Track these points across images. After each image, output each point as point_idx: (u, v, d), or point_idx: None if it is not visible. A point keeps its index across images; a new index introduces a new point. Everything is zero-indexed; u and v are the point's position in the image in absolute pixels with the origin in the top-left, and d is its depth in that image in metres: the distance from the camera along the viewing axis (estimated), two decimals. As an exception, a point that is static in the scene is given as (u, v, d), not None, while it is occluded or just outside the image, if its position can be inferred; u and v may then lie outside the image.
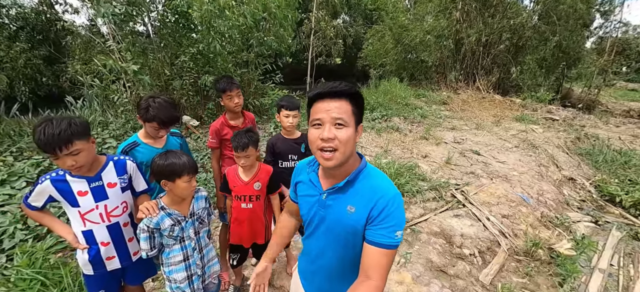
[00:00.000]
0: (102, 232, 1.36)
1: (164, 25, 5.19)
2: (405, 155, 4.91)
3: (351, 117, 0.86)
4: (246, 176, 1.76)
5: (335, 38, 9.81)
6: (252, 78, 6.39)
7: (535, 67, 11.92)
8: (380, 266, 0.84)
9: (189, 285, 1.53)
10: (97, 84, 5.05)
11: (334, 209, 0.94)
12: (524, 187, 4.04)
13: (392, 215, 0.85)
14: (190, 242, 1.50)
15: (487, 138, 6.08)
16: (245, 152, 1.65)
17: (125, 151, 1.62)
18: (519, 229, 3.20)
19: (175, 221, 1.43)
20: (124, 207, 1.42)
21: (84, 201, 1.29)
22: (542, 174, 4.62)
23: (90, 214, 1.31)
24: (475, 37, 11.18)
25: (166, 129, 1.62)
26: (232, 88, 1.98)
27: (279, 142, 2.01)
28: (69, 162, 1.17)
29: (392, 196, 0.87)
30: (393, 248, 0.85)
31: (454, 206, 3.42)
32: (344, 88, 0.86)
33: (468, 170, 4.42)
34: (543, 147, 5.64)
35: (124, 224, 1.43)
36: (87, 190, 1.29)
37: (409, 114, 7.43)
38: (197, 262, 1.54)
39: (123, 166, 1.42)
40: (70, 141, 1.14)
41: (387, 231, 0.84)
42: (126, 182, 1.42)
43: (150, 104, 1.55)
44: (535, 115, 8.30)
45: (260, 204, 1.80)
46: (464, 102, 9.62)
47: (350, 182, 0.91)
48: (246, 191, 1.75)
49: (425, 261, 2.54)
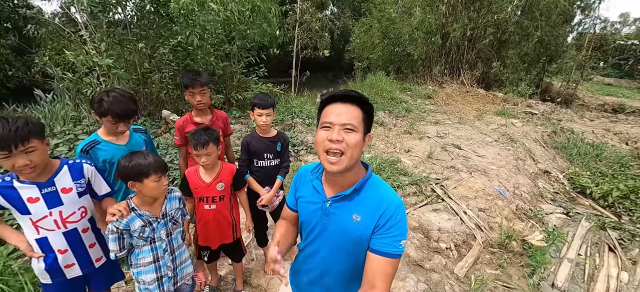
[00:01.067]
0: (59, 239, 1.28)
1: (142, 15, 4.95)
2: (389, 149, 4.96)
3: (361, 123, 0.87)
4: (208, 176, 1.69)
5: (321, 31, 9.69)
6: (235, 71, 6.24)
7: (518, 62, 12.20)
8: (385, 275, 0.84)
9: (158, 286, 1.48)
10: (69, 77, 4.79)
11: (338, 217, 0.92)
12: (501, 180, 4.17)
13: (397, 224, 0.86)
14: (161, 243, 1.46)
15: (469, 132, 6.22)
16: (206, 149, 1.58)
17: (85, 150, 1.54)
18: (494, 222, 3.31)
19: (146, 222, 1.38)
20: (83, 213, 1.35)
21: (35, 207, 1.21)
22: (519, 167, 4.77)
23: (44, 221, 1.24)
24: (461, 32, 11.31)
25: (123, 122, 1.54)
26: (195, 85, 1.86)
27: (253, 141, 1.96)
28: (22, 161, 1.10)
29: (397, 205, 0.88)
30: (397, 257, 0.85)
31: (433, 201, 3.49)
32: (357, 95, 0.88)
33: (449, 164, 4.51)
34: (521, 141, 5.82)
35: (83, 230, 1.36)
36: (39, 196, 1.21)
37: (394, 108, 7.48)
38: (167, 264, 1.49)
39: (79, 170, 1.34)
40: (27, 138, 1.09)
41: (392, 240, 0.85)
42: (83, 187, 1.35)
43: (103, 98, 1.48)
44: (516, 110, 8.54)
45: (224, 204, 1.75)
46: (449, 96, 9.78)
47: (357, 191, 0.91)
48: (209, 193, 1.69)
49: (403, 256, 2.58)
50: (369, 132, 0.91)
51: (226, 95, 6.18)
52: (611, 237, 3.32)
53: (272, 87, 7.19)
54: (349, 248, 0.92)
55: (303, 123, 5.76)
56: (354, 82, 10.63)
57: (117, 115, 1.49)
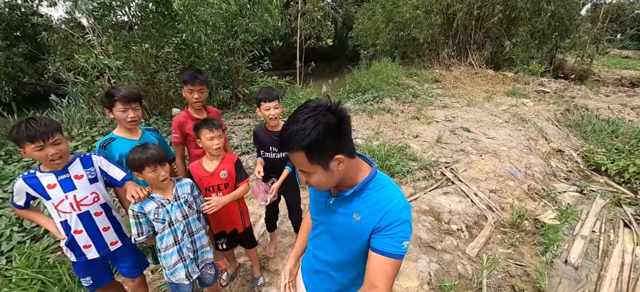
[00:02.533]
0: (75, 220, 1.48)
1: (145, 15, 5.01)
2: (397, 136, 4.95)
3: (310, 165, 0.83)
4: (211, 165, 1.77)
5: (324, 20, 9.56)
6: (240, 66, 6.28)
7: (529, 39, 11.79)
8: (386, 275, 0.84)
9: (183, 267, 1.59)
10: (81, 80, 4.93)
11: (340, 215, 0.95)
12: (512, 161, 4.13)
13: (400, 226, 0.85)
14: (179, 225, 1.56)
15: (478, 115, 6.12)
16: (219, 131, 1.70)
17: (103, 145, 1.69)
18: (506, 203, 3.30)
19: (159, 203, 1.51)
20: (95, 198, 1.52)
21: (53, 192, 1.42)
22: (531, 147, 4.70)
23: (62, 204, 1.44)
24: (466, 11, 10.97)
25: (132, 106, 1.68)
26: (195, 82, 1.92)
27: (261, 133, 2.04)
28: (52, 150, 1.34)
29: (401, 208, 0.87)
30: (399, 258, 0.85)
31: (443, 184, 3.50)
32: (289, 144, 0.81)
33: (458, 147, 4.49)
34: (533, 120, 5.70)
35: (96, 214, 1.53)
36: (56, 182, 1.42)
37: (400, 94, 7.41)
38: (187, 246, 1.59)
39: (88, 160, 1.54)
40: (54, 132, 1.35)
41: (394, 241, 0.84)
42: (93, 174, 1.53)
43: (109, 91, 1.66)
44: (527, 89, 8.32)
45: (230, 191, 1.81)
46: (456, 79, 9.59)
47: (357, 193, 0.92)
48: (213, 181, 1.76)
49: (414, 238, 2.63)
50: (336, 154, 0.83)
51: (233, 91, 6.25)
52: (627, 213, 3.28)
53: (277, 80, 7.21)
54: (349, 245, 0.95)
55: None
56: (359, 70, 10.51)
57: (125, 98, 1.64)
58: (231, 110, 6.14)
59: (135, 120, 1.71)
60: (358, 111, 6.21)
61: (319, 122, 0.78)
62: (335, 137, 0.81)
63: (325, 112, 0.80)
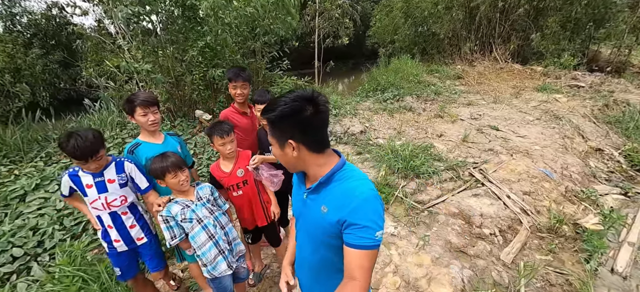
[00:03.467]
0: (106, 217, 1.66)
1: (172, 21, 5.17)
2: (420, 135, 4.81)
3: (271, 137, 0.93)
4: (227, 167, 1.84)
5: (342, 17, 9.47)
6: (260, 67, 6.34)
7: (559, 30, 11.07)
8: (362, 268, 0.83)
9: (224, 259, 1.64)
10: (111, 85, 5.17)
11: (311, 209, 0.97)
12: (546, 161, 3.89)
13: (368, 216, 0.83)
14: (209, 220, 1.61)
15: (506, 112, 5.83)
16: (230, 136, 1.75)
17: (130, 150, 1.80)
18: (541, 206, 3.11)
19: (182, 204, 1.58)
20: (123, 200, 1.67)
21: (90, 192, 1.59)
22: (567, 146, 4.41)
23: (96, 202, 1.61)
24: (490, 3, 10.47)
25: (151, 109, 1.75)
26: (238, 79, 2.06)
27: (262, 134, 2.14)
28: (94, 166, 1.53)
29: (366, 198, 0.85)
30: (373, 249, 0.84)
31: (472, 185, 3.35)
32: (264, 110, 0.91)
33: (486, 147, 4.29)
34: (567, 117, 5.35)
35: (123, 213, 1.70)
36: (92, 183, 1.58)
37: (422, 91, 7.20)
38: (222, 238, 1.65)
39: (121, 166, 1.67)
40: (98, 150, 1.50)
41: (364, 232, 0.83)
42: (124, 180, 1.67)
43: (129, 98, 1.76)
44: (559, 84, 7.83)
45: (250, 188, 1.88)
46: (480, 74, 9.20)
47: (323, 184, 0.93)
48: (232, 181, 1.83)
49: (444, 242, 2.53)
50: (288, 139, 0.88)
51: (253, 92, 6.33)
52: (681, 218, 2.99)
53: (296, 80, 7.23)
54: (321, 239, 0.95)
55: (330, 113, 5.75)
56: (378, 67, 10.33)
57: (144, 102, 1.73)
58: (251, 111, 6.21)
59: (156, 123, 1.80)
60: (378, 110, 6.10)
61: (287, 104, 0.84)
62: (297, 124, 0.86)
63: (300, 100, 0.85)
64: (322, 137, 0.92)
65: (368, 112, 5.99)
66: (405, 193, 3.19)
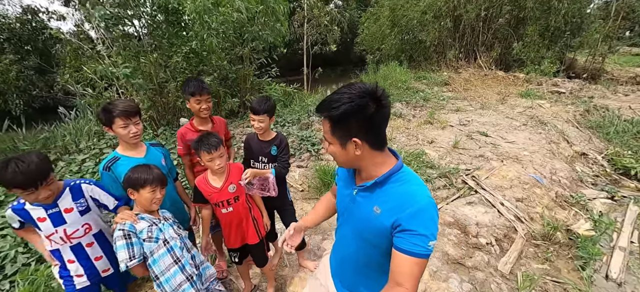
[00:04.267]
0: (67, 251, 1.43)
1: (156, 25, 4.98)
2: (411, 142, 4.78)
3: (331, 137, 0.89)
4: (218, 181, 1.68)
5: (330, 24, 9.50)
6: (248, 74, 6.21)
7: (538, 39, 11.55)
8: (411, 275, 0.81)
9: (191, 286, 1.46)
10: (89, 92, 4.89)
11: (362, 207, 0.95)
12: (536, 166, 3.92)
13: (424, 224, 0.81)
14: (175, 242, 1.46)
15: (494, 118, 5.92)
16: (219, 151, 1.57)
17: (106, 167, 1.58)
18: (534, 212, 3.10)
19: (150, 221, 1.42)
20: (87, 229, 1.45)
21: (44, 225, 1.35)
22: (554, 151, 4.48)
23: (53, 236, 1.37)
24: (475, 13, 10.81)
25: (133, 120, 1.57)
26: (203, 92, 1.86)
27: (251, 142, 1.97)
28: (45, 194, 1.25)
29: (424, 205, 0.83)
30: (425, 258, 0.81)
31: (466, 193, 3.31)
32: (321, 107, 0.88)
33: (477, 153, 4.29)
34: (552, 122, 5.47)
35: (88, 244, 1.47)
36: (45, 216, 1.34)
37: (410, 98, 7.24)
38: (189, 262, 1.49)
39: (78, 191, 1.44)
40: (47, 174, 1.24)
41: (418, 239, 0.80)
42: (84, 206, 1.44)
43: (106, 107, 1.55)
44: (541, 90, 8.08)
45: (241, 204, 1.73)
46: (467, 81, 9.39)
47: (379, 184, 0.91)
48: (222, 196, 1.67)
49: (441, 254, 2.45)
50: (353, 138, 0.85)
51: (241, 99, 6.17)
52: (668, 221, 3.04)
53: (284, 87, 7.12)
54: (370, 238, 0.94)
55: (320, 121, 5.67)
56: (366, 74, 10.39)
57: (125, 112, 1.53)
58: (239, 118, 6.05)
59: (138, 135, 1.61)
60: (368, 117, 6.05)
61: (353, 100, 0.80)
62: (362, 121, 0.83)
63: (364, 96, 0.81)
64: (384, 134, 0.90)
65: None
66: (399, 202, 3.11)
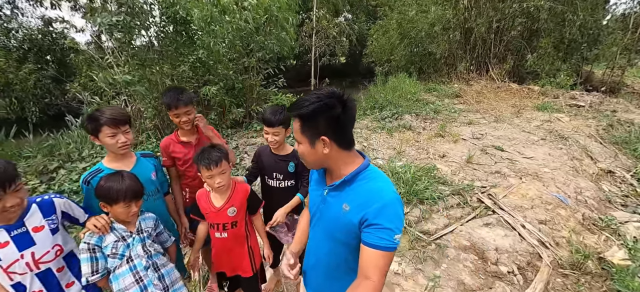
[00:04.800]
0: (32, 280, 1.22)
1: (164, 35, 5.01)
2: (421, 156, 4.55)
3: (301, 135, 0.92)
4: (219, 199, 1.49)
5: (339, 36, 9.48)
6: (254, 84, 6.15)
7: (552, 51, 11.22)
8: (377, 267, 0.85)
9: None
10: (97, 100, 4.91)
11: (332, 206, 0.97)
12: (558, 185, 3.62)
13: (390, 219, 0.85)
14: (140, 260, 1.32)
15: (509, 131, 5.63)
16: (219, 167, 1.38)
17: (86, 180, 1.43)
18: (560, 236, 2.81)
19: (119, 236, 1.29)
20: (58, 251, 1.27)
21: (4, 252, 1.14)
22: (577, 168, 4.16)
23: (14, 265, 1.17)
24: (486, 26, 10.64)
25: (122, 129, 1.44)
26: (179, 105, 1.65)
27: (264, 155, 1.74)
28: (12, 201, 1.10)
29: (389, 200, 0.87)
30: (391, 251, 0.85)
31: (482, 213, 3.05)
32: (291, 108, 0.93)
33: (493, 169, 4.02)
34: (573, 137, 5.15)
35: (58, 270, 1.28)
36: (8, 240, 1.15)
37: (420, 110, 7.02)
38: (154, 282, 1.34)
39: (50, 206, 1.26)
40: (17, 179, 1.11)
41: (384, 233, 0.84)
42: (56, 223, 1.27)
43: (93, 115, 1.43)
44: (558, 103, 7.73)
45: (238, 232, 1.53)
46: (479, 93, 9.12)
47: (347, 182, 0.94)
48: (219, 219, 1.49)
49: (456, 283, 2.20)
50: (322, 136, 0.89)
51: (246, 109, 6.10)
52: None
53: (291, 97, 7.03)
54: (340, 237, 0.96)
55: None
56: (375, 85, 10.24)
57: (113, 120, 1.40)
58: (244, 129, 5.96)
59: (127, 145, 1.46)
60: (376, 129, 5.86)
61: (321, 100, 0.86)
62: (329, 120, 0.88)
63: (331, 97, 0.86)
64: (351, 135, 0.94)
65: (366, 130, 5.75)
66: (409, 221, 2.88)
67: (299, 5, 7.12)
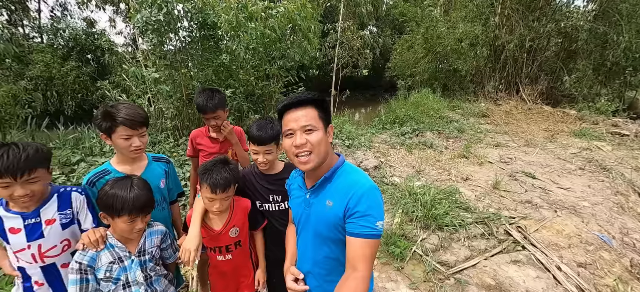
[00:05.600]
0: (36, 272, 1.20)
1: (191, 39, 5.18)
2: (443, 177, 4.27)
3: (319, 121, 0.94)
4: (218, 221, 1.33)
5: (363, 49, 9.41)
6: (274, 91, 6.17)
7: (592, 74, 10.44)
8: (364, 257, 0.86)
9: None
10: (124, 98, 5.11)
11: (316, 207, 1.00)
12: (601, 223, 3.21)
13: (370, 206, 0.88)
14: (138, 288, 1.18)
15: (542, 158, 5.18)
16: (226, 193, 1.22)
17: (91, 182, 1.32)
18: (604, 285, 2.44)
19: (115, 257, 1.16)
20: (65, 246, 1.22)
21: (15, 239, 1.13)
22: (623, 205, 3.70)
23: (22, 253, 1.16)
24: (516, 44, 10.13)
25: (138, 131, 1.30)
26: (207, 111, 1.71)
27: (252, 179, 1.43)
28: (21, 192, 1.04)
29: (367, 189, 0.91)
30: (375, 238, 0.87)
31: (511, 248, 2.74)
32: (308, 96, 0.95)
33: (523, 198, 3.67)
34: (617, 170, 4.63)
35: (63, 266, 1.22)
36: (21, 228, 1.13)
37: (444, 128, 6.70)
38: None
39: (67, 199, 1.22)
40: (34, 168, 1.05)
41: (366, 221, 0.87)
42: (69, 218, 1.22)
43: (109, 111, 1.26)
44: (598, 130, 7.08)
45: (243, 251, 1.40)
46: (508, 114, 8.61)
47: (328, 179, 0.98)
48: (221, 242, 1.34)
49: (478, 327, 1.94)
50: (330, 124, 0.98)
51: (264, 116, 6.12)
52: None
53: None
54: (327, 234, 0.97)
55: (343, 144, 5.36)
56: (397, 99, 10.00)
57: (131, 121, 1.26)
58: (261, 135, 5.97)
59: (141, 150, 1.34)
60: (395, 144, 5.64)
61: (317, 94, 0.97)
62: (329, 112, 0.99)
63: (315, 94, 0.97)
64: None
65: (384, 146, 5.54)
66: (426, 249, 2.64)
67: (322, 16, 7.15)
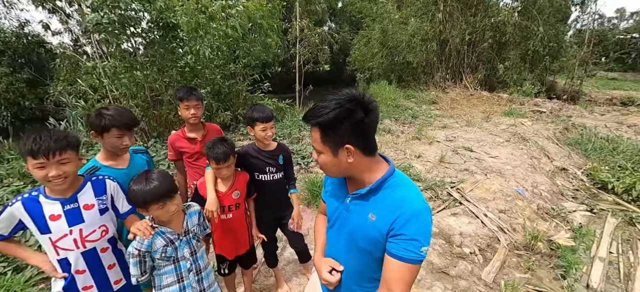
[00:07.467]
0: (77, 259, 1.25)
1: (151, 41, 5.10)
2: (399, 156, 4.90)
3: (322, 145, 0.86)
4: (223, 185, 1.69)
5: (321, 44, 9.87)
6: (241, 89, 6.34)
7: (519, 62, 12.22)
8: (402, 281, 0.80)
9: None
10: (82, 104, 4.90)
11: (356, 215, 0.92)
12: (518, 180, 4.06)
13: (417, 229, 0.80)
14: (185, 262, 1.39)
15: (478, 134, 6.14)
16: (227, 162, 1.58)
17: None
18: (517, 223, 3.19)
19: (167, 240, 1.32)
20: (103, 231, 1.31)
21: (56, 225, 1.18)
22: (535, 166, 4.66)
23: (63, 240, 1.21)
24: (459, 37, 11.43)
25: (128, 133, 1.47)
26: (191, 98, 1.88)
27: (251, 154, 1.82)
28: (55, 171, 1.10)
29: (417, 210, 0.81)
30: (417, 264, 0.81)
31: (451, 205, 3.39)
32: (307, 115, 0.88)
33: (462, 167, 4.42)
34: (533, 139, 5.71)
35: (102, 250, 1.31)
36: (61, 213, 1.19)
37: (399, 115, 7.46)
38: (193, 285, 1.42)
39: (102, 186, 1.32)
40: (64, 148, 1.12)
41: (411, 245, 0.79)
42: (105, 204, 1.32)
43: (102, 112, 1.41)
44: (523, 109, 8.45)
45: (240, 213, 1.75)
46: (453, 100, 9.75)
47: (373, 191, 0.89)
48: (224, 202, 1.68)
49: (425, 263, 2.48)
50: (346, 144, 0.83)
51: (233, 113, 6.26)
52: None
53: (277, 102, 7.26)
54: (364, 246, 0.91)
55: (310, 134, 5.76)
56: (357, 92, 10.68)
57: (123, 124, 1.42)
58: (231, 132, 6.10)
59: (128, 146, 1.53)
60: (358, 132, 6.19)
61: (341, 106, 0.80)
62: (352, 127, 0.81)
63: (352, 101, 0.81)
64: (373, 139, 0.89)
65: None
66: (386, 213, 3.16)
67: (282, 13, 7.42)
